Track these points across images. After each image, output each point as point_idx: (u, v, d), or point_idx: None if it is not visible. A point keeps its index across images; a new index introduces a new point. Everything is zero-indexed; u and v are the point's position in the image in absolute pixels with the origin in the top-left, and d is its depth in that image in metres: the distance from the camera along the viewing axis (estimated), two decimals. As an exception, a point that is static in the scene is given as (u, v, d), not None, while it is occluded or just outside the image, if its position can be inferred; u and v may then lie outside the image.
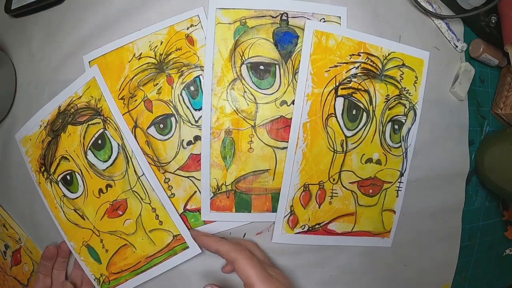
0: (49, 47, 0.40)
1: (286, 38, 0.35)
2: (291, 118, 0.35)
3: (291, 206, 0.36)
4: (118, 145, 0.36)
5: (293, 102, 0.35)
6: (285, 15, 0.35)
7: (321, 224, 0.37)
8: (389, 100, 0.37)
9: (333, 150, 0.36)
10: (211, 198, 0.35)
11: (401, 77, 0.38)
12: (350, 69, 0.36)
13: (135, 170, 0.36)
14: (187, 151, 0.35)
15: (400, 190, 0.39)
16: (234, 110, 0.35)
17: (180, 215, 0.36)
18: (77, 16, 0.39)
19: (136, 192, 0.36)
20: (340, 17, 0.36)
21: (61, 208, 0.39)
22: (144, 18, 0.36)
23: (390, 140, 0.38)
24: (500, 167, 0.42)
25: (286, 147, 0.35)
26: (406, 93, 0.38)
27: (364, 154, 0.37)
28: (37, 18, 0.42)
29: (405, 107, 0.38)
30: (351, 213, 0.38)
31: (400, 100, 0.38)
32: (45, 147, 0.39)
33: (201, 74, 0.35)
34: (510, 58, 0.41)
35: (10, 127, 0.43)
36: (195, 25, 0.35)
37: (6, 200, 0.46)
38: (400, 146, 0.39)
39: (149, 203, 0.36)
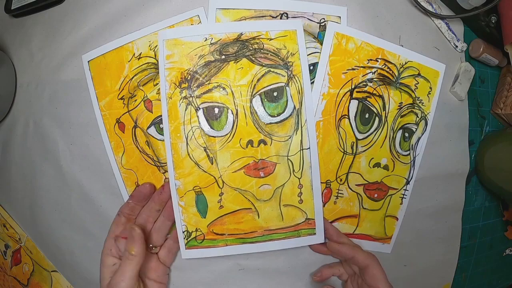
0: (49, 47, 0.40)
1: (286, 38, 0.35)
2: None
3: None
4: (294, 107, 0.34)
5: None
6: (285, 15, 0.35)
7: (325, 223, 0.37)
8: (402, 107, 0.38)
9: (343, 151, 0.36)
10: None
11: (416, 86, 0.38)
12: (367, 74, 0.36)
13: (301, 140, 0.34)
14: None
15: (405, 198, 0.40)
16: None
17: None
18: (77, 16, 0.39)
19: (291, 161, 0.34)
20: (340, 17, 0.36)
21: (186, 138, 0.34)
22: (144, 18, 0.36)
23: (399, 147, 0.38)
24: (500, 167, 0.42)
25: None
26: (419, 102, 0.39)
27: (372, 158, 0.37)
28: (37, 18, 0.42)
29: (417, 116, 0.39)
30: (355, 215, 0.38)
31: (412, 109, 0.38)
32: (200, 64, 0.34)
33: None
34: (510, 58, 0.41)
35: (10, 127, 0.43)
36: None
37: (6, 200, 0.46)
38: (409, 154, 0.39)
39: (299, 178, 0.34)
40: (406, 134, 0.39)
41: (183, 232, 0.35)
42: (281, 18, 0.35)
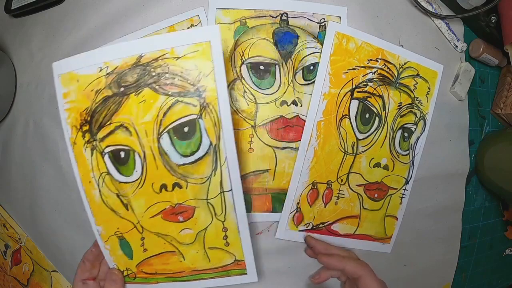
0: (49, 47, 0.40)
1: (286, 38, 0.35)
2: (291, 118, 0.35)
3: (298, 203, 0.36)
4: (211, 144, 0.29)
5: (293, 102, 0.35)
6: (285, 15, 0.35)
7: (325, 224, 0.38)
8: (401, 107, 0.38)
9: (343, 151, 0.36)
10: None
11: (415, 86, 0.38)
12: (367, 74, 0.36)
13: (221, 182, 0.30)
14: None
15: (404, 197, 0.40)
16: (234, 110, 0.35)
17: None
18: (77, 16, 0.39)
19: (211, 205, 0.31)
20: (340, 17, 0.36)
21: (98, 185, 0.31)
22: (144, 18, 0.36)
23: (399, 147, 0.38)
24: (500, 167, 0.42)
25: (287, 147, 0.35)
26: (418, 102, 0.39)
27: (373, 158, 0.37)
28: (37, 18, 0.42)
29: (416, 116, 0.39)
30: (355, 216, 0.38)
31: (411, 109, 0.38)
32: (98, 101, 0.29)
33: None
34: (510, 58, 0.41)
35: (10, 127, 0.43)
36: (195, 25, 0.35)
37: (6, 200, 0.46)
38: (408, 154, 0.39)
39: (223, 221, 0.31)
40: (406, 134, 0.39)
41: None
42: (281, 18, 0.35)
